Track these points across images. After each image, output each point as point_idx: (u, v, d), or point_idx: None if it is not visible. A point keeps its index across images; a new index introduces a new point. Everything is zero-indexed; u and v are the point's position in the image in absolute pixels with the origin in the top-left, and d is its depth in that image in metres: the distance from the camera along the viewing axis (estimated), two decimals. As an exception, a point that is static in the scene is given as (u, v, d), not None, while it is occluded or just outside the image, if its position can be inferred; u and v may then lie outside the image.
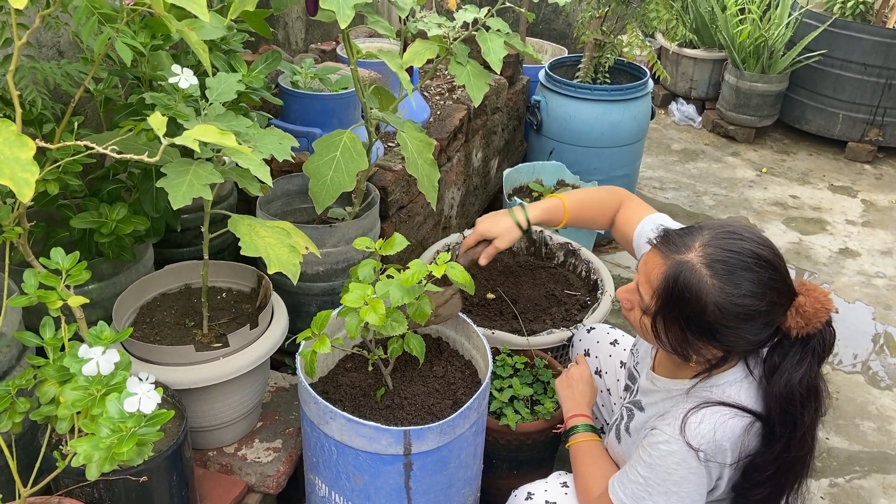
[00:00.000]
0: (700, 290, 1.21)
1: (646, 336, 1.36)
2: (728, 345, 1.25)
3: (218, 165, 1.45)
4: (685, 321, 1.24)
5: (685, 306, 1.23)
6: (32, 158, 0.96)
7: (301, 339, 1.52)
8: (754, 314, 1.21)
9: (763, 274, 1.21)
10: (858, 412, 2.59)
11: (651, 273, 1.28)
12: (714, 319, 1.21)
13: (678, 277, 1.23)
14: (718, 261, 1.21)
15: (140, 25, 1.49)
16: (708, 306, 1.20)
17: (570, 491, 1.56)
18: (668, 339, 1.29)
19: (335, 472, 1.56)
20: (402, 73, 1.70)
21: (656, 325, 1.29)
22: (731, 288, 1.20)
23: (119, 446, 1.03)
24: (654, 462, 1.32)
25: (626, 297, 1.38)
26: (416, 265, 1.49)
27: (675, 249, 1.26)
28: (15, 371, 1.44)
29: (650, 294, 1.28)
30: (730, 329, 1.22)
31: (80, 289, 1.68)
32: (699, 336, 1.25)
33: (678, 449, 1.29)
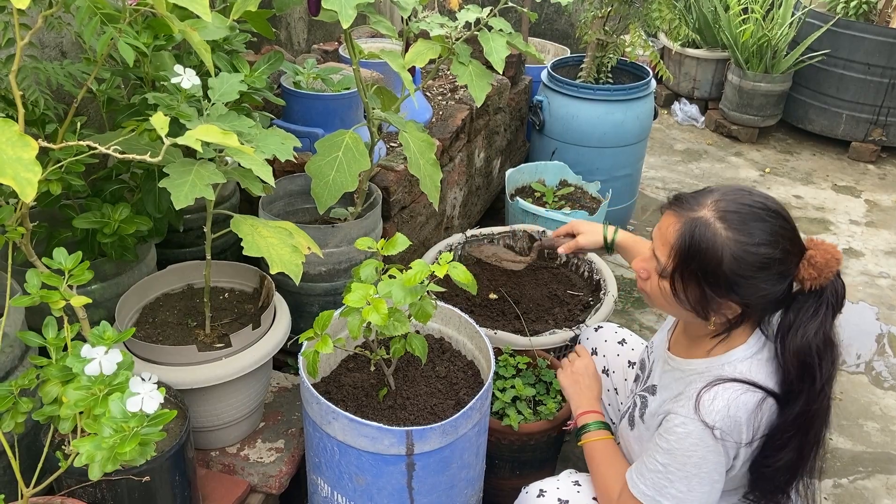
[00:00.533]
0: (715, 242, 1.24)
1: (664, 303, 1.38)
2: (746, 298, 1.27)
3: (220, 166, 1.45)
4: (703, 275, 1.27)
5: (702, 260, 1.26)
6: (35, 158, 0.96)
7: (303, 340, 1.52)
8: (769, 262, 1.24)
9: (774, 223, 1.26)
10: (862, 413, 2.58)
11: (666, 233, 1.32)
12: (731, 270, 1.24)
13: (693, 232, 1.26)
14: (731, 212, 1.26)
15: (142, 26, 1.49)
16: (724, 257, 1.24)
17: (582, 489, 1.56)
18: (687, 297, 1.31)
19: (337, 472, 1.56)
20: (404, 73, 1.70)
21: (675, 284, 1.31)
22: (745, 237, 1.24)
23: (122, 446, 1.03)
24: (671, 447, 1.32)
25: (642, 266, 1.40)
26: (418, 265, 1.49)
27: (689, 208, 1.30)
28: (18, 371, 1.44)
29: (667, 254, 1.31)
30: (746, 280, 1.25)
31: (83, 289, 1.68)
32: (717, 290, 1.27)
33: (694, 429, 1.30)
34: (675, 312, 1.40)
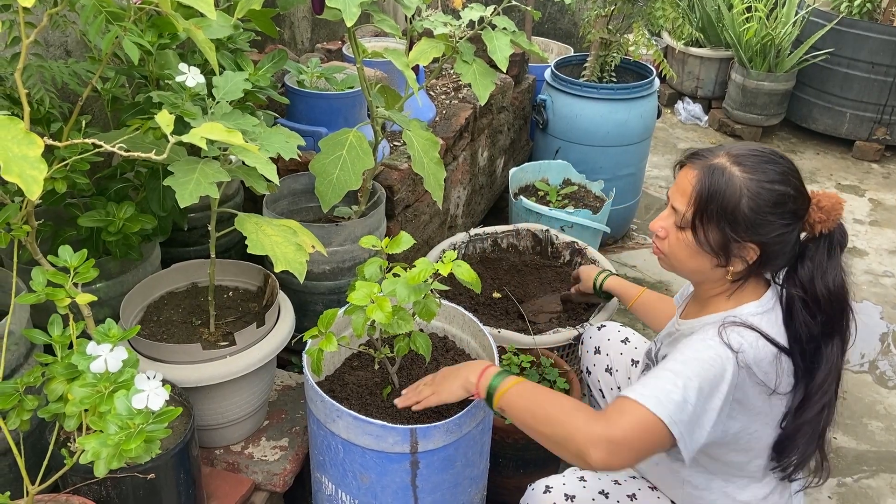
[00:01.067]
0: (733, 182, 1.31)
1: (682, 255, 1.40)
2: (764, 237, 1.32)
3: (225, 164, 1.45)
4: (723, 215, 1.32)
5: (722, 200, 1.31)
6: (41, 156, 0.96)
7: (308, 338, 1.53)
8: (784, 198, 1.31)
9: (784, 165, 1.34)
10: (866, 412, 2.58)
11: (684, 183, 1.37)
12: (749, 208, 1.30)
13: (712, 175, 1.33)
14: (744, 155, 1.34)
15: (147, 24, 1.49)
16: (742, 196, 1.30)
17: (588, 484, 1.56)
18: (708, 241, 1.35)
19: (342, 470, 1.56)
20: (408, 71, 1.70)
21: (696, 231, 1.35)
22: (760, 175, 1.31)
23: (127, 443, 1.03)
24: (687, 357, 1.29)
25: (659, 224, 1.43)
26: (422, 263, 1.49)
27: (705, 158, 1.37)
28: (23, 369, 1.44)
29: (686, 202, 1.36)
30: (764, 217, 1.30)
31: (88, 287, 1.69)
32: (737, 230, 1.32)
33: (717, 347, 1.29)
34: (694, 267, 1.40)
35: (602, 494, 1.53)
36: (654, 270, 3.30)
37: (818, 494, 2.23)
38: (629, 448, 1.22)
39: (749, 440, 1.37)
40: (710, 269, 1.38)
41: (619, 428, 1.23)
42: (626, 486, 1.56)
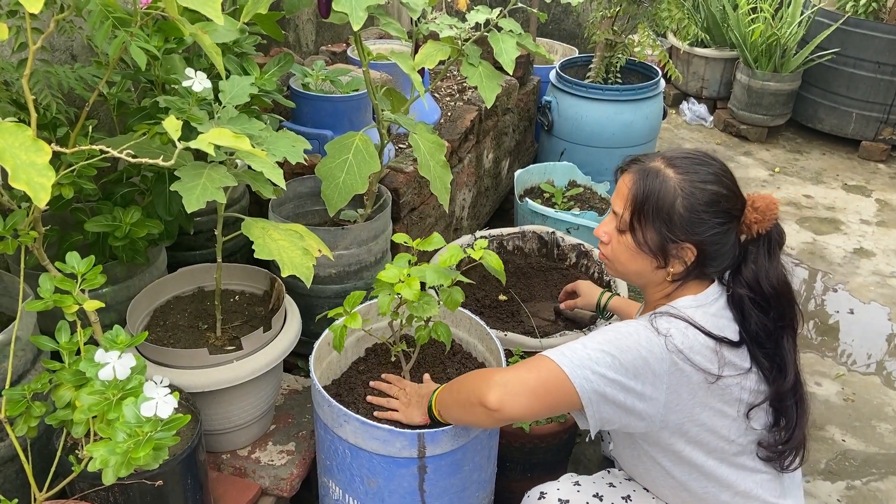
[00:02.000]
0: (667, 183, 1.36)
1: (624, 258, 1.43)
2: (700, 236, 1.35)
3: (231, 168, 1.45)
4: (658, 215, 1.36)
5: (657, 201, 1.35)
6: (48, 163, 0.95)
7: (332, 314, 1.53)
8: (717, 198, 1.35)
9: (716, 166, 1.39)
10: (875, 414, 2.56)
11: (622, 188, 1.42)
12: (684, 207, 1.34)
13: (647, 177, 1.38)
14: (678, 158, 1.39)
15: (153, 29, 1.49)
16: (676, 196, 1.34)
17: (582, 489, 1.56)
18: (646, 242, 1.38)
19: (349, 475, 1.55)
20: (414, 74, 1.70)
21: (635, 233, 1.39)
22: (693, 176, 1.36)
23: (135, 451, 1.03)
24: (609, 336, 1.33)
25: (603, 230, 1.47)
26: (451, 249, 1.51)
27: (641, 163, 1.42)
28: (30, 375, 1.44)
29: (623, 205, 1.40)
30: (698, 216, 1.34)
31: (94, 292, 1.68)
32: (674, 231, 1.35)
33: (644, 329, 1.32)
34: (636, 269, 1.44)
35: (596, 497, 1.53)
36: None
37: (827, 498, 2.22)
38: (524, 388, 1.28)
39: (699, 432, 1.36)
40: (651, 270, 1.41)
41: (518, 371, 1.32)
42: (620, 488, 1.56)
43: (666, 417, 1.32)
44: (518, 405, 1.28)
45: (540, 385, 1.28)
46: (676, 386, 1.30)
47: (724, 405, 1.35)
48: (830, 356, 2.84)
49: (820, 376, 2.72)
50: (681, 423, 1.34)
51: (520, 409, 1.29)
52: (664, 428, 1.34)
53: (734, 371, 1.33)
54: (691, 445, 1.37)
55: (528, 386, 1.28)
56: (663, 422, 1.33)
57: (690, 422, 1.34)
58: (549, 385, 1.28)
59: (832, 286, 3.28)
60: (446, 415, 1.47)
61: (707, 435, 1.36)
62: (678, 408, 1.32)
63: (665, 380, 1.29)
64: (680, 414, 1.33)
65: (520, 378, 1.29)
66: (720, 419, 1.35)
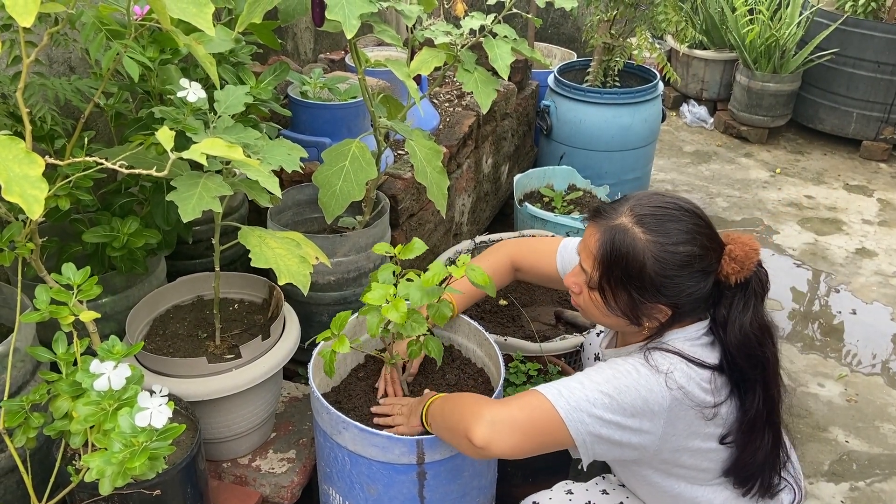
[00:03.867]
0: (635, 247, 1.27)
1: (596, 313, 1.38)
2: (673, 298, 1.29)
3: (228, 177, 1.46)
4: (629, 280, 1.29)
5: (626, 265, 1.28)
6: (41, 176, 0.96)
7: (320, 339, 1.53)
8: (690, 259, 1.27)
9: (689, 221, 1.29)
10: (878, 414, 2.55)
11: (589, 244, 1.34)
12: (655, 272, 1.26)
13: (614, 239, 1.29)
14: (647, 216, 1.29)
15: (149, 40, 1.50)
16: (647, 261, 1.27)
17: (574, 497, 1.56)
18: (617, 304, 1.32)
19: (349, 482, 1.55)
20: (409, 81, 1.70)
21: (604, 294, 1.33)
22: (663, 238, 1.27)
23: (131, 461, 1.03)
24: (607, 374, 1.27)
25: (573, 280, 1.41)
26: (435, 267, 1.50)
27: (607, 217, 1.33)
28: (29, 386, 1.44)
29: (591, 265, 1.33)
30: (670, 280, 1.27)
31: (93, 302, 1.69)
32: (645, 294, 1.29)
33: (642, 370, 1.27)
34: (609, 323, 1.40)
35: None
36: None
37: (830, 500, 2.21)
38: (514, 427, 1.24)
39: (692, 455, 1.34)
40: (625, 325, 1.37)
41: (509, 408, 1.27)
42: (613, 495, 1.55)
43: (660, 448, 1.31)
44: (505, 444, 1.25)
45: (531, 425, 1.25)
46: (674, 420, 1.28)
47: (714, 429, 1.32)
48: (833, 357, 2.83)
49: (823, 377, 2.71)
50: (673, 451, 1.33)
51: (507, 448, 1.25)
52: (656, 455, 1.33)
53: (722, 398, 1.30)
54: (680, 468, 1.36)
55: (517, 425, 1.25)
56: (657, 451, 1.31)
57: (683, 449, 1.33)
58: (541, 425, 1.25)
59: (834, 287, 3.28)
60: (435, 431, 1.46)
61: (697, 458, 1.35)
62: (673, 439, 1.30)
63: (663, 416, 1.27)
64: (674, 443, 1.31)
65: (510, 416, 1.26)
66: (709, 443, 1.34)
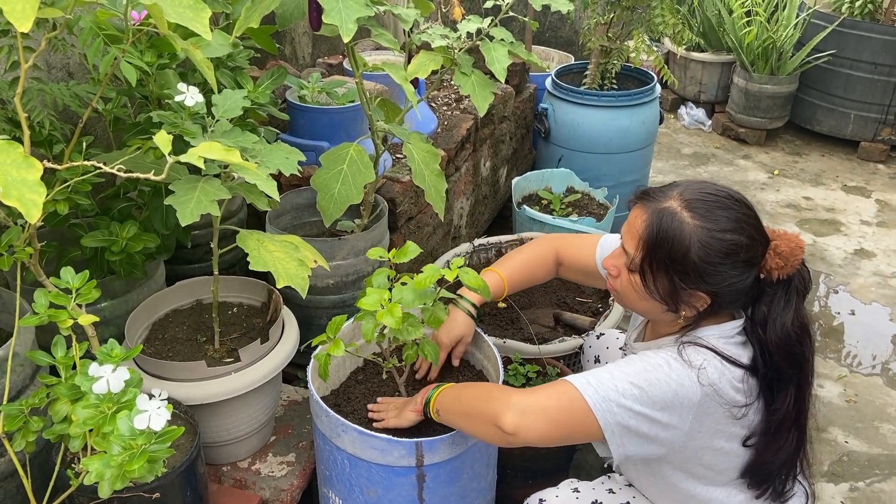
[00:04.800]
0: (682, 230, 1.26)
1: (632, 297, 1.37)
2: (714, 286, 1.27)
3: (226, 181, 1.46)
4: (672, 264, 1.27)
5: (671, 248, 1.27)
6: (39, 180, 0.97)
7: (316, 343, 1.53)
8: (736, 248, 1.26)
9: (738, 210, 1.28)
10: (878, 415, 2.55)
11: (634, 225, 1.33)
12: (699, 258, 1.25)
13: (661, 221, 1.28)
14: (696, 201, 1.28)
15: (146, 45, 1.51)
16: (692, 245, 1.25)
17: (581, 495, 1.55)
18: (657, 288, 1.31)
19: (348, 485, 1.56)
20: (406, 84, 1.71)
21: (645, 277, 1.32)
22: (711, 224, 1.26)
23: (130, 464, 1.03)
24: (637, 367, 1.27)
25: (611, 263, 1.40)
26: (429, 269, 1.50)
27: (656, 200, 1.32)
28: (29, 390, 1.45)
29: (636, 245, 1.32)
30: (714, 267, 1.26)
31: (93, 307, 1.69)
32: (686, 279, 1.28)
33: (675, 364, 1.26)
34: (645, 308, 1.39)
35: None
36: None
37: (830, 500, 2.21)
38: (543, 415, 1.25)
39: (715, 455, 1.34)
40: (661, 312, 1.36)
41: (537, 395, 1.28)
42: (619, 494, 1.55)
43: (685, 444, 1.30)
44: (534, 432, 1.25)
45: (560, 413, 1.25)
46: (702, 417, 1.27)
47: (739, 431, 1.33)
48: (832, 358, 2.83)
49: (822, 378, 2.71)
50: (697, 449, 1.32)
51: (536, 435, 1.26)
52: (680, 452, 1.32)
53: (752, 399, 1.30)
54: (700, 467, 1.36)
55: (547, 413, 1.25)
56: (682, 448, 1.31)
57: (707, 448, 1.33)
58: (569, 414, 1.25)
59: (833, 287, 3.28)
60: (445, 417, 1.44)
61: (718, 458, 1.35)
62: (699, 436, 1.30)
63: (692, 412, 1.26)
64: (699, 441, 1.31)
65: (539, 404, 1.26)
66: (733, 444, 1.34)
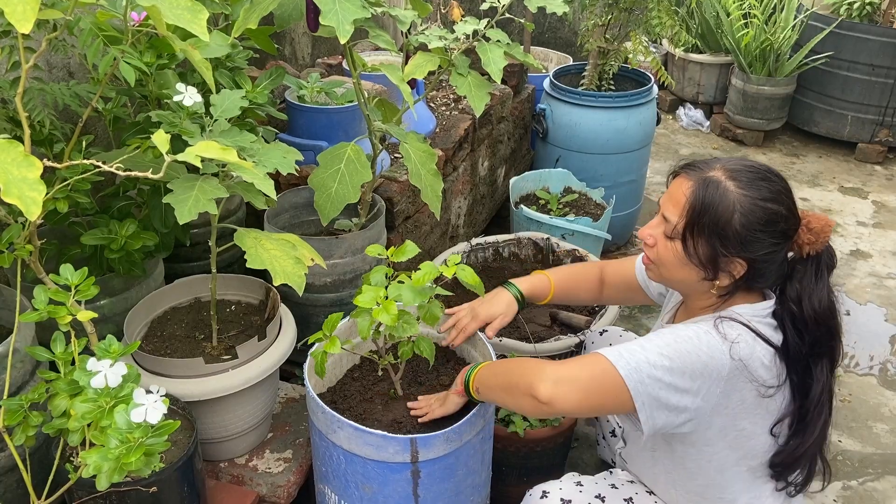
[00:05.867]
0: (726, 197, 1.32)
1: (670, 264, 1.41)
2: (753, 254, 1.33)
3: (224, 180, 1.48)
4: (715, 230, 1.32)
5: (715, 213, 1.32)
6: (39, 178, 0.98)
7: (313, 340, 1.55)
8: (776, 217, 1.32)
9: (778, 183, 1.35)
10: (871, 414, 2.57)
11: (677, 193, 1.38)
12: (741, 224, 1.31)
13: (707, 188, 1.34)
14: (739, 171, 1.35)
15: (146, 46, 1.52)
16: (735, 212, 1.31)
17: (584, 489, 1.57)
18: (697, 254, 1.35)
19: (344, 481, 1.57)
20: (403, 85, 1.73)
21: (686, 242, 1.36)
22: (753, 192, 1.32)
23: (127, 457, 1.05)
24: (668, 339, 1.32)
25: (648, 232, 1.44)
26: (426, 266, 1.52)
27: (700, 170, 1.38)
28: (29, 385, 1.47)
29: (678, 213, 1.36)
30: (754, 234, 1.31)
31: (92, 304, 1.71)
32: (727, 245, 1.32)
33: (708, 334, 1.31)
34: (681, 277, 1.42)
35: (598, 499, 1.54)
36: (658, 277, 3.30)
37: (823, 498, 2.23)
38: (576, 385, 1.31)
39: (738, 437, 1.38)
40: (697, 281, 1.40)
41: (570, 367, 1.34)
42: (622, 489, 1.57)
43: (711, 421, 1.34)
44: (568, 402, 1.31)
45: (592, 384, 1.31)
46: (730, 392, 1.31)
47: (764, 415, 1.36)
48: (827, 358, 2.84)
49: (817, 378, 2.73)
50: (721, 428, 1.35)
51: (569, 405, 1.32)
52: (705, 430, 1.36)
53: (781, 381, 1.34)
54: (722, 449, 1.39)
55: (580, 384, 1.31)
56: (707, 425, 1.35)
57: (731, 427, 1.36)
58: (601, 385, 1.30)
59: (829, 288, 3.29)
60: (485, 393, 1.50)
61: (740, 441, 1.37)
62: (725, 412, 1.33)
63: (721, 385, 1.30)
64: (724, 417, 1.34)
65: (572, 374, 1.33)
66: (756, 427, 1.37)
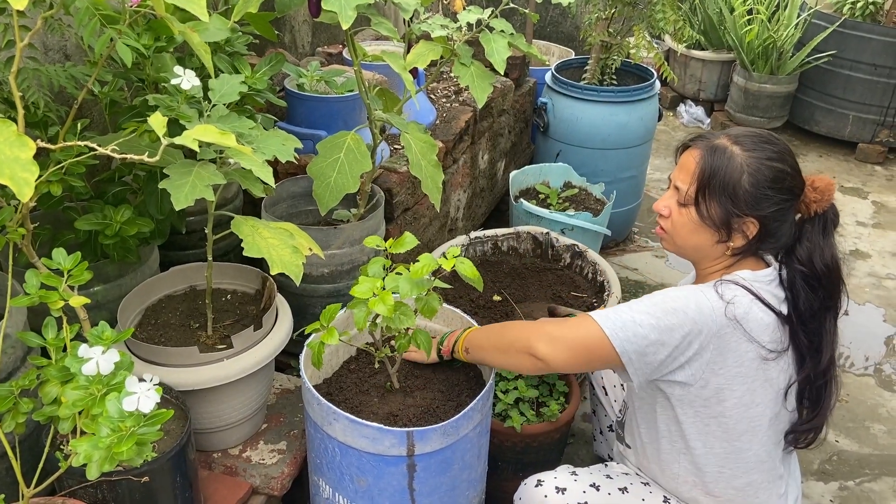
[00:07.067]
0: (733, 159, 1.42)
1: (684, 230, 1.48)
2: (764, 212, 1.41)
3: (222, 167, 1.45)
4: (725, 191, 1.41)
5: (724, 176, 1.41)
6: (32, 159, 0.96)
7: (310, 330, 1.53)
8: (782, 175, 1.41)
9: (781, 145, 1.45)
10: (869, 415, 2.56)
11: (687, 162, 1.47)
12: (749, 183, 1.40)
13: (714, 153, 1.43)
14: (743, 136, 1.45)
15: (143, 27, 1.50)
16: (743, 173, 1.40)
17: (579, 478, 1.57)
18: (710, 216, 1.44)
19: (338, 473, 1.55)
20: (405, 74, 1.70)
21: (699, 206, 1.44)
22: (759, 153, 1.42)
23: (118, 446, 1.03)
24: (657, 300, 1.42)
25: (663, 204, 1.52)
26: (425, 258, 1.50)
27: (707, 140, 1.47)
28: (20, 372, 1.44)
29: (689, 180, 1.45)
30: (763, 192, 1.40)
31: (85, 290, 1.69)
32: (738, 205, 1.41)
33: (706, 291, 1.40)
34: (696, 243, 1.48)
35: (593, 487, 1.54)
36: (656, 273, 3.29)
37: (820, 499, 2.22)
38: (567, 344, 1.44)
39: (740, 408, 1.42)
40: (711, 245, 1.47)
41: (563, 327, 1.47)
42: (617, 480, 1.57)
43: (707, 380, 1.39)
44: (559, 358, 1.44)
45: (580, 343, 1.43)
46: (724, 351, 1.38)
47: (765, 382, 1.41)
48: (825, 357, 2.83)
49: (814, 377, 2.72)
50: (721, 389, 1.40)
51: (561, 362, 1.44)
52: (703, 388, 1.41)
53: (781, 348, 1.40)
54: (721, 416, 1.43)
55: (569, 343, 1.44)
56: (704, 384, 1.40)
57: (727, 389, 1.41)
58: (588, 343, 1.42)
59: (828, 288, 3.28)
60: (476, 353, 1.60)
61: (742, 409, 1.42)
62: (722, 371, 1.39)
63: (713, 342, 1.37)
64: (722, 378, 1.39)
65: (563, 334, 1.45)
66: (758, 396, 1.42)
